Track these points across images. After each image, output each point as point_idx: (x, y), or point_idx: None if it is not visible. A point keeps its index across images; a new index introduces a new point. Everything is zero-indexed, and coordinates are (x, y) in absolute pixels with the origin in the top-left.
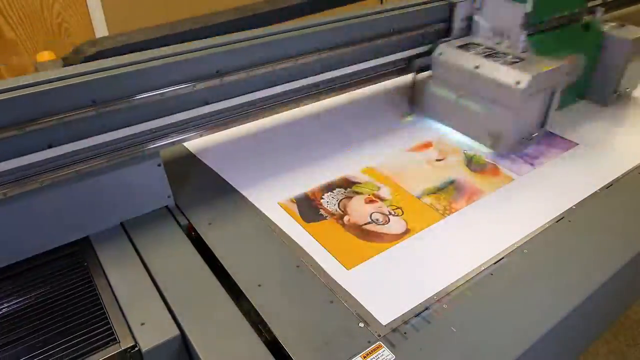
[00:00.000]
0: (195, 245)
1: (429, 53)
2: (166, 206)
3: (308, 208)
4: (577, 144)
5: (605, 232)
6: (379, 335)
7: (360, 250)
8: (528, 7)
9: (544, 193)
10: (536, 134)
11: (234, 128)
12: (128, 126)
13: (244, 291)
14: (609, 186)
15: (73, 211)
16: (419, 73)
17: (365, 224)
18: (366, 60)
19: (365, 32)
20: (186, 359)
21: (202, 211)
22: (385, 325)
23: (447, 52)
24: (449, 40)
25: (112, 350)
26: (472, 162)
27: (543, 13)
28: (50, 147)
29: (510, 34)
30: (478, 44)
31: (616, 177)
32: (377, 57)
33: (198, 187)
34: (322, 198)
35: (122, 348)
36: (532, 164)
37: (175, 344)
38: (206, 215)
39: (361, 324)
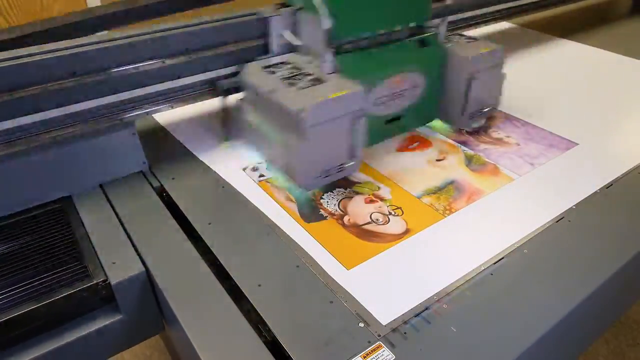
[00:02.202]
0: (167, 205)
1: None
2: (141, 171)
3: (308, 208)
4: (577, 144)
5: (605, 232)
6: (379, 335)
7: (360, 250)
8: (325, 23)
9: (544, 193)
10: (350, 163)
11: (199, 104)
12: (105, 96)
13: (244, 291)
14: (609, 186)
15: (56, 172)
16: (227, 95)
17: (365, 223)
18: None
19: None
20: (150, 293)
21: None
22: (385, 325)
23: (253, 74)
24: (261, 59)
25: (86, 283)
26: (472, 162)
27: (354, 29)
28: (36, 112)
29: (317, 52)
30: (289, 64)
31: (616, 177)
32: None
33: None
34: (322, 198)
35: (94, 282)
36: (532, 164)
37: (141, 279)
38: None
39: (361, 324)
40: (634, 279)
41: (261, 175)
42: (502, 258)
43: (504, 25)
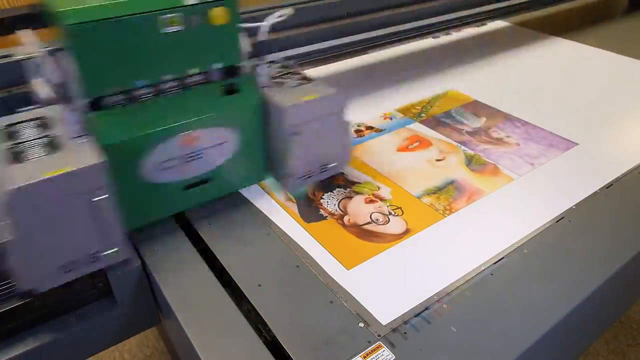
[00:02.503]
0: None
1: None
2: None
3: (308, 208)
4: (577, 144)
5: (605, 232)
6: (379, 335)
7: (360, 250)
8: (39, 87)
9: (544, 193)
10: (108, 251)
11: None
12: None
13: (244, 291)
14: (609, 186)
15: None
16: None
17: (365, 224)
18: None
19: None
20: (147, 286)
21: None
22: (385, 325)
23: None
24: (18, 112)
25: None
26: (472, 162)
27: (118, 79)
28: None
29: (65, 109)
30: (41, 120)
31: (616, 177)
32: None
33: None
34: (322, 198)
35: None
36: (532, 164)
37: (137, 272)
38: None
39: (361, 324)
40: (634, 279)
41: None
42: (502, 258)
43: (499, 24)
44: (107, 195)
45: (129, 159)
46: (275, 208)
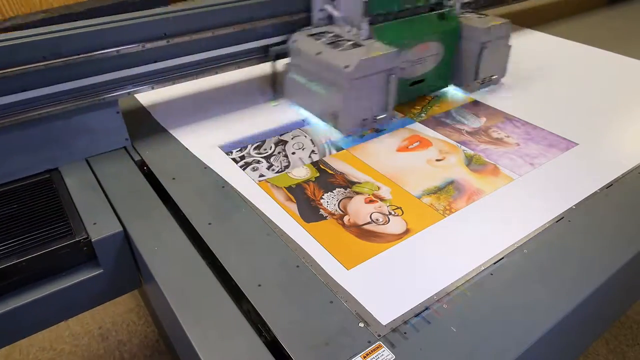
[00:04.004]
0: (147, 178)
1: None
2: (124, 147)
3: (308, 208)
4: (577, 144)
5: (605, 232)
6: (379, 335)
7: (360, 250)
8: (331, 10)
9: (544, 193)
10: (382, 115)
11: (178, 85)
12: (90, 76)
13: (244, 291)
14: (609, 186)
15: (45, 146)
16: (277, 60)
17: (365, 224)
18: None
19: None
20: (128, 251)
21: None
22: (385, 325)
23: (299, 40)
24: (305, 30)
25: (70, 240)
26: (472, 162)
27: (386, 3)
28: (23, 90)
29: (356, 22)
30: (330, 33)
31: (616, 177)
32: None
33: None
34: (322, 198)
35: (77, 239)
36: (532, 164)
37: (119, 238)
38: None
39: (361, 324)
40: (634, 279)
41: (261, 175)
42: (502, 258)
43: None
44: (397, 75)
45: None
46: (276, 208)
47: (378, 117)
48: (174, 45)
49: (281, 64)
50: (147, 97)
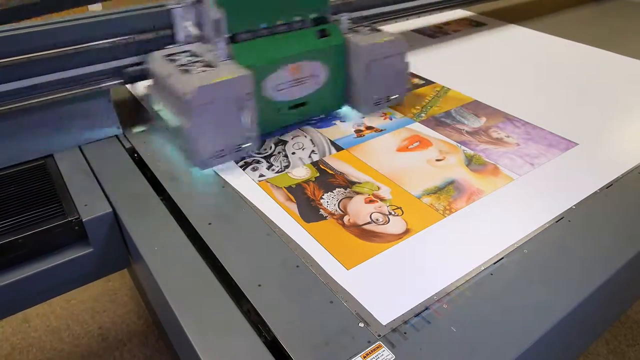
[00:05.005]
0: (138, 165)
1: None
2: (116, 135)
3: (308, 208)
4: (577, 144)
5: (605, 232)
6: (379, 335)
7: (360, 250)
8: (213, 14)
9: (544, 193)
10: (247, 144)
11: None
12: (83, 67)
13: (244, 291)
14: (609, 186)
15: (39, 134)
16: (134, 82)
17: (365, 224)
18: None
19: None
20: (117, 232)
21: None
22: (385, 325)
23: (155, 61)
24: (166, 49)
25: (61, 220)
26: (472, 162)
27: (250, 20)
28: (19, 79)
29: (213, 40)
30: (189, 52)
31: (616, 177)
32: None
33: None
34: (322, 198)
35: (68, 219)
36: (532, 164)
37: (109, 218)
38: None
39: (361, 324)
40: (634, 278)
41: (261, 175)
42: (502, 258)
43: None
44: (252, 100)
45: (259, 78)
46: (276, 208)
47: (242, 146)
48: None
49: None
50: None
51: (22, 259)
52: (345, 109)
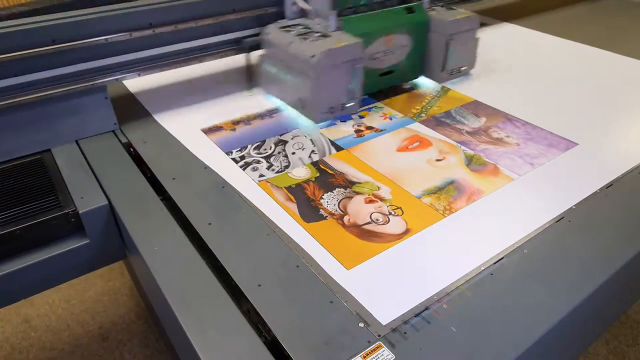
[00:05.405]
0: (134, 160)
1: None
2: (112, 131)
3: (308, 208)
4: (577, 144)
5: (605, 232)
6: (379, 335)
7: (360, 250)
8: (301, 3)
9: (544, 193)
10: (350, 103)
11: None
12: (80, 63)
13: (244, 291)
14: (609, 186)
15: (37, 129)
16: (251, 52)
17: (365, 224)
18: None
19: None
20: (113, 224)
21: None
22: (385, 325)
23: (272, 33)
24: (279, 22)
25: (59, 212)
26: (472, 162)
27: None
28: (17, 75)
29: (324, 15)
30: (301, 25)
31: (616, 177)
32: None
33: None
34: (322, 198)
35: (65, 211)
36: (532, 164)
37: (105, 210)
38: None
39: (361, 324)
40: (634, 279)
41: (261, 175)
42: (502, 258)
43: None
44: (361, 64)
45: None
46: (276, 208)
47: (346, 105)
48: (159, 35)
49: (255, 55)
50: (134, 83)
51: (21, 250)
52: (422, 79)
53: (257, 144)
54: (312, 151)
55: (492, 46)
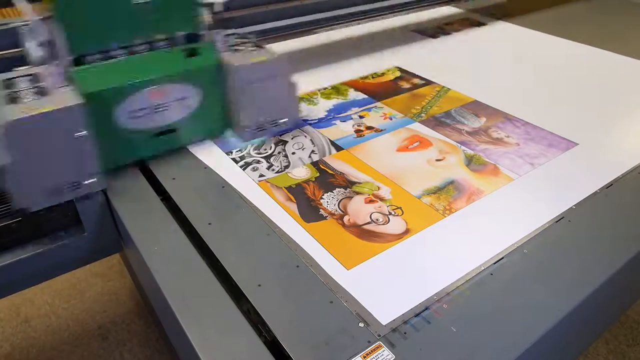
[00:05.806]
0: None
1: None
2: None
3: (308, 208)
4: (577, 144)
5: (605, 232)
6: (379, 335)
7: (360, 250)
8: (45, 33)
9: (544, 193)
10: (91, 180)
11: None
12: None
13: (244, 291)
14: (609, 186)
15: None
16: None
17: (365, 224)
18: None
19: None
20: (109, 217)
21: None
22: (385, 325)
23: None
24: (14, 71)
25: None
26: (472, 162)
27: (96, 40)
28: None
29: (52, 63)
30: (33, 76)
31: (616, 177)
32: None
33: None
34: (322, 198)
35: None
36: (532, 164)
37: (101, 203)
38: None
39: (361, 324)
40: (634, 279)
41: (261, 175)
42: (502, 258)
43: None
44: (85, 133)
45: (105, 106)
46: (275, 208)
47: (84, 183)
48: None
49: None
50: None
51: (19, 242)
52: (229, 134)
53: (257, 144)
54: (312, 151)
55: (491, 46)
